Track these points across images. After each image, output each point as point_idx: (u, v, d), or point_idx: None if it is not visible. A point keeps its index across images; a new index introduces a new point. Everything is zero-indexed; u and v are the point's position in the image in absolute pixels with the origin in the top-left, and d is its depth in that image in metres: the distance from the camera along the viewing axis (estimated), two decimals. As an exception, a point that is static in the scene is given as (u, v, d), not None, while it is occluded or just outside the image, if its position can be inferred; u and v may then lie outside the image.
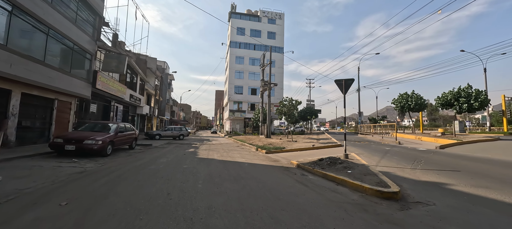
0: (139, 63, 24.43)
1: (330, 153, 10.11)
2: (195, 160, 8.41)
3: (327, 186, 4.87)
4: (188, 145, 15.20)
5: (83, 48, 12.60)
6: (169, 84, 44.05)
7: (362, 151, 10.84)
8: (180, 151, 11.34)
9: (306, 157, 9.18)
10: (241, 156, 9.76)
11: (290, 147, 12.37)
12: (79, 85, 12.30)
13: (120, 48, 18.52)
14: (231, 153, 10.85)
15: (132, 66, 20.04)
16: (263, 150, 11.54)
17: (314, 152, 10.89)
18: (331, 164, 6.23)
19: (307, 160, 7.83)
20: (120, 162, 7.61)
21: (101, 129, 9.62)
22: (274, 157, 9.72)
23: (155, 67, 29.57)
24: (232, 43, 41.55)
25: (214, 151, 11.80)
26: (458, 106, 15.94)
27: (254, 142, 16.44)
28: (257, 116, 31.33)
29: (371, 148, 12.54)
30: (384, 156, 9.24)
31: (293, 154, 10.34)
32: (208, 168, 6.67)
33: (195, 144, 16.68)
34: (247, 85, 41.20)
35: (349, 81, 7.61)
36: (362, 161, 7.36)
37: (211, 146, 14.77)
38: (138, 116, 25.05)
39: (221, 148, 13.35)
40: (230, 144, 16.88)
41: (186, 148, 13.36)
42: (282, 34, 43.79)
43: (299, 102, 16.19)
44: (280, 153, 10.91)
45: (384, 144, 15.18)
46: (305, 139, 19.72)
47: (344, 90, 7.63)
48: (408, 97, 21.79)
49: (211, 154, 10.24)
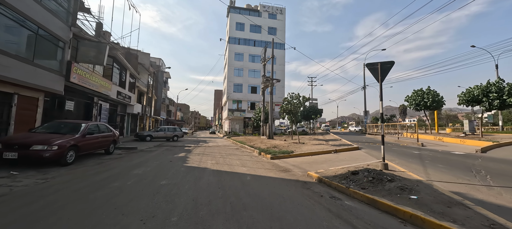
0: (129, 58, 22.42)
1: (350, 159, 8.17)
2: (182, 170, 6.43)
3: (387, 225, 2.91)
4: (180, 148, 13.22)
5: (53, 34, 10.59)
6: (165, 82, 41.98)
7: (391, 156, 8.89)
8: (168, 157, 9.35)
9: (324, 165, 7.21)
10: (242, 164, 7.78)
11: (299, 151, 10.40)
12: (47, 77, 10.28)
13: (105, 39, 16.52)
14: (229, 159, 8.87)
15: (119, 60, 18.02)
16: (267, 154, 9.57)
17: (330, 158, 8.92)
18: (374, 180, 4.26)
19: (329, 170, 5.86)
20: (78, 175, 5.62)
21: (68, 130, 7.63)
22: (283, 164, 7.74)
23: (148, 63, 27.55)
24: (231, 39, 39.55)
25: (209, 155, 9.82)
26: (488, 103, 14.02)
27: (256, 144, 14.47)
28: (258, 115, 29.36)
29: (397, 151, 10.58)
30: (426, 164, 7.29)
31: (306, 161, 8.37)
32: (195, 187, 4.69)
33: (189, 146, 14.70)
34: (247, 83, 39.20)
35: (387, 65, 5.65)
36: (411, 175, 5.36)
37: (206, 149, 12.79)
38: (128, 116, 23.02)
39: (217, 152, 11.38)
40: (229, 146, 14.91)
41: (177, 151, 11.37)
42: (283, 29, 41.84)
43: (308, 98, 14.21)
44: (289, 159, 8.94)
45: (406, 146, 13.21)
46: (312, 140, 17.75)
47: (380, 76, 5.66)
48: (423, 94, 19.86)
49: (204, 161, 8.26)
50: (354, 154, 9.87)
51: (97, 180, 5.15)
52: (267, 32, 40.67)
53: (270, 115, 20.46)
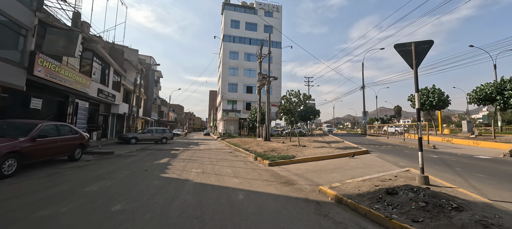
0: (114, 54, 20.68)
1: (364, 165, 6.60)
2: (154, 185, 4.92)
3: None
4: (166, 152, 11.65)
5: (12, 19, 8.95)
6: (156, 82, 40.10)
7: (410, 162, 7.56)
8: (146, 164, 7.81)
9: (336, 174, 5.82)
10: (234, 173, 6.31)
11: (301, 155, 9.00)
12: (3, 70, 8.62)
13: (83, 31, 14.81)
14: (220, 166, 7.39)
15: (101, 55, 16.32)
16: (264, 160, 8.13)
17: (340, 164, 7.53)
18: (428, 206, 2.85)
19: (348, 183, 4.46)
20: (9, 194, 4.05)
21: (12, 131, 6.03)
22: (284, 173, 6.31)
23: (136, 60, 25.80)
24: (225, 37, 38.06)
25: (196, 161, 8.30)
26: (503, 101, 12.94)
27: (251, 147, 13.02)
28: (254, 116, 27.94)
29: (412, 155, 9.29)
30: (462, 174, 5.97)
31: (311, 168, 6.96)
32: (161, 216, 3.20)
33: (177, 150, 13.13)
34: (242, 83, 37.73)
35: (424, 45, 4.29)
36: (467, 193, 3.94)
37: (195, 153, 11.26)
38: (113, 116, 21.22)
39: (207, 157, 9.87)
40: (221, 150, 13.41)
41: (161, 156, 9.82)
42: (279, 27, 40.60)
43: (309, 96, 12.84)
44: (291, 166, 7.52)
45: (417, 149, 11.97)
46: (312, 142, 16.41)
47: (415, 60, 4.30)
48: (429, 93, 18.80)
49: (189, 170, 6.75)
50: (366, 159, 8.51)
51: (26, 203, 3.61)
52: (263, 30, 39.39)
53: (267, 115, 19.04)
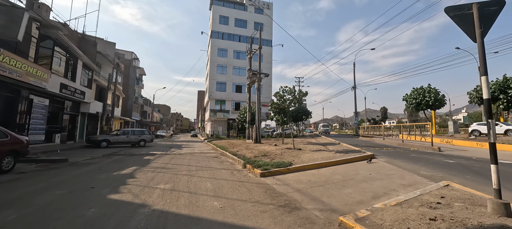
0: (84, 45, 18.31)
1: (380, 176, 4.97)
2: (84, 219, 3.19)
3: None
4: (137, 158, 9.77)
5: None
6: (138, 79, 37.34)
7: (433, 170, 6.27)
8: (100, 176, 5.98)
9: (349, 190, 4.35)
10: (214, 190, 4.67)
11: (299, 162, 7.51)
12: None
13: (40, 15, 12.58)
14: (198, 178, 5.72)
15: (64, 44, 14.03)
16: (255, 168, 6.55)
17: (347, 173, 6.10)
18: None
19: (379, 209, 2.97)
20: None
21: None
22: (282, 188, 4.77)
23: (113, 54, 23.35)
24: (213, 33, 36.16)
25: (169, 171, 6.57)
26: (506, 100, 12.24)
27: (240, 150, 11.40)
28: (243, 116, 26.31)
29: (426, 160, 8.08)
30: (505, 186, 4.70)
31: (315, 179, 5.47)
32: None
33: (152, 155, 11.24)
34: (231, 81, 35.97)
35: (491, 7, 2.91)
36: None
37: (173, 159, 9.47)
38: (83, 116, 18.77)
39: (186, 164, 8.14)
40: (206, 154, 11.68)
41: (128, 164, 7.96)
42: (270, 25, 39.32)
43: (305, 92, 11.40)
44: (288, 176, 5.99)
45: (424, 151, 10.85)
46: (307, 144, 15.06)
47: (480, 28, 2.91)
48: (425, 92, 18.11)
49: (154, 185, 5.04)
50: (378, 166, 7.15)
51: None
52: (253, 27, 37.89)
53: (257, 115, 17.51)
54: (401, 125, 16.51)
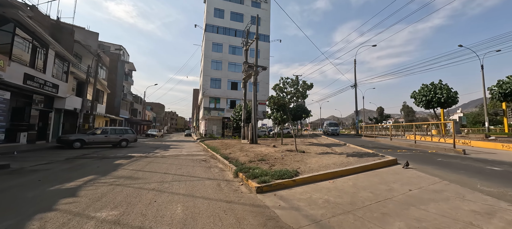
0: (59, 33, 16.30)
1: (429, 193, 3.48)
2: None
3: None
4: (108, 162, 7.96)
5: None
6: (126, 75, 35.15)
7: (492, 183, 4.66)
8: (28, 194, 4.22)
9: (401, 223, 2.66)
10: (184, 220, 2.93)
11: (307, 169, 5.84)
12: None
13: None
14: (168, 195, 3.98)
15: (31, 29, 12.06)
16: (250, 179, 4.85)
17: (377, 187, 4.45)
18: None
19: None
20: None
21: None
22: (289, 218, 3.06)
23: (96, 45, 21.29)
24: (208, 27, 34.23)
25: (135, 183, 4.81)
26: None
27: (233, 152, 9.69)
28: (238, 114, 24.55)
29: (465, 167, 6.50)
30: None
31: (336, 199, 3.78)
32: None
33: (128, 158, 9.43)
34: (227, 78, 34.13)
35: None
36: None
37: (150, 164, 7.70)
38: (58, 113, 16.75)
39: (162, 172, 6.38)
40: (193, 157, 9.93)
41: (86, 173, 6.17)
42: (268, 20, 37.62)
43: (310, 85, 9.56)
44: (295, 191, 4.29)
45: (449, 154, 9.31)
46: (309, 145, 13.47)
47: None
48: (436, 89, 16.65)
49: (92, 212, 3.29)
50: (412, 178, 5.50)
51: None
52: (249, 21, 36.08)
53: (254, 112, 15.80)
54: (413, 124, 14.98)
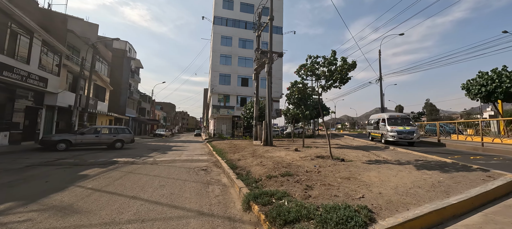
0: (49, 22, 14.60)
1: None
2: None
3: None
4: (72, 172, 5.72)
5: None
6: (133, 72, 33.77)
7: None
8: None
9: None
10: None
11: (386, 205, 3.16)
12: None
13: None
14: None
15: (7, 11, 10.24)
16: (266, 216, 2.25)
17: None
18: None
19: None
20: None
21: None
22: None
23: (95, 38, 19.63)
24: (216, 19, 32.04)
25: (57, 225, 2.43)
26: None
27: (243, 158, 7.16)
28: (249, 111, 22.04)
29: None
30: None
31: None
32: None
33: (112, 164, 7.18)
34: (236, 74, 31.75)
35: None
36: None
37: (123, 178, 5.35)
38: (50, 110, 15.09)
39: (129, 195, 3.96)
40: (192, 164, 7.52)
41: (21, 191, 3.87)
42: (280, 11, 34.77)
43: (353, 64, 6.46)
44: None
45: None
46: (339, 148, 10.71)
47: None
48: (500, 77, 13.12)
49: None
50: None
51: None
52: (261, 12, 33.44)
53: (268, 108, 13.20)
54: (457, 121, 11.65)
